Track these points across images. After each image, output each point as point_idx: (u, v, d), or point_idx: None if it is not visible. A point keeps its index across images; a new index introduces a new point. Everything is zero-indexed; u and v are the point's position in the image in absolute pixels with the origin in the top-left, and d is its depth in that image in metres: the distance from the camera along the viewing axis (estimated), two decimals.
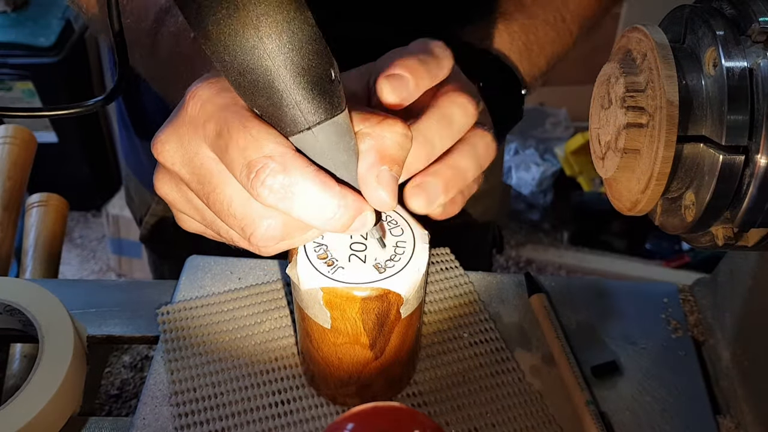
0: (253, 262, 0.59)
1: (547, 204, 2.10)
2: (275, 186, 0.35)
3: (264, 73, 0.34)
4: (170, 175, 0.40)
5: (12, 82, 1.77)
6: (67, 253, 2.03)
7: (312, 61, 0.34)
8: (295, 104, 0.35)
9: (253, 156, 0.35)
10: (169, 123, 0.39)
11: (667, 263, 1.88)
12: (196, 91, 0.37)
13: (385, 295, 0.41)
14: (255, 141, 0.35)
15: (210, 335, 0.53)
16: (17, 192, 0.73)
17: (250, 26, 0.33)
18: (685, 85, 0.32)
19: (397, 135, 0.37)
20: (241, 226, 0.37)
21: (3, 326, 0.52)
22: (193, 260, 0.59)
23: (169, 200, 0.41)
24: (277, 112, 0.35)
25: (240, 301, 0.55)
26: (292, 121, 0.35)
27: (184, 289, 0.57)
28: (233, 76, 0.35)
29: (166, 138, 0.38)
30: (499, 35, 0.58)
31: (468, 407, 0.49)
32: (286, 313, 0.55)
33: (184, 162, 0.38)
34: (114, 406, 0.57)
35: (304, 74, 0.34)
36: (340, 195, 0.36)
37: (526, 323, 0.56)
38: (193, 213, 0.41)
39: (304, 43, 0.34)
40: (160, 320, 0.54)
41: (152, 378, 0.50)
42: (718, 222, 0.32)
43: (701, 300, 0.58)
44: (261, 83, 0.34)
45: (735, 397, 0.52)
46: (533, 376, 0.52)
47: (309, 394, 0.49)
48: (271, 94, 0.35)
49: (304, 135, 0.36)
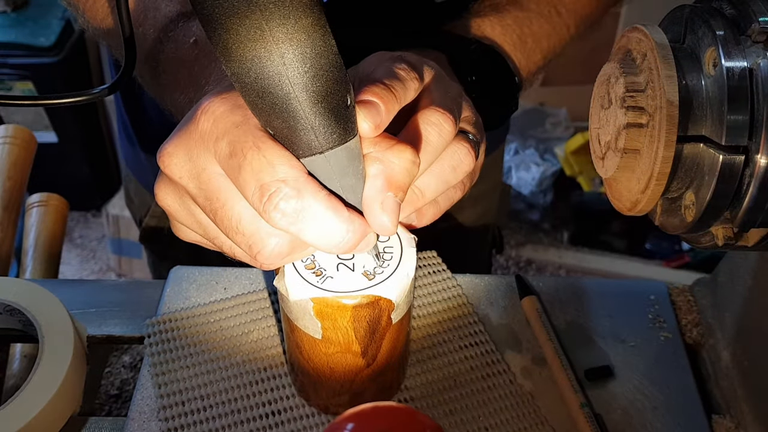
0: (238, 272, 0.58)
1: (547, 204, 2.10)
2: (288, 210, 0.35)
3: (284, 97, 0.34)
4: (174, 186, 0.40)
5: (12, 82, 1.77)
6: (67, 253, 2.03)
7: (331, 87, 0.35)
8: (311, 128, 0.35)
9: (266, 179, 0.35)
10: (177, 135, 0.38)
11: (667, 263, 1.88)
12: (209, 106, 0.37)
13: (377, 301, 0.41)
14: (269, 164, 0.35)
15: (197, 347, 0.52)
16: (17, 192, 0.73)
17: (275, 53, 0.33)
18: (685, 85, 0.32)
19: (406, 162, 0.38)
20: (249, 243, 0.37)
21: (3, 326, 0.52)
22: (177, 271, 0.58)
23: (170, 211, 0.41)
24: (292, 135, 0.35)
25: (226, 311, 0.55)
26: (306, 144, 0.35)
27: (169, 301, 0.56)
28: (251, 97, 0.35)
29: (173, 150, 0.38)
30: (491, 27, 0.58)
31: (460, 411, 0.49)
32: (273, 322, 0.54)
33: (192, 176, 0.38)
34: (114, 406, 0.57)
35: (322, 101, 0.34)
36: (349, 221, 0.36)
37: (515, 325, 0.55)
38: (195, 226, 0.40)
39: (325, 69, 0.34)
40: (145, 333, 0.53)
41: (139, 393, 0.50)
42: (718, 222, 0.32)
43: (701, 300, 0.58)
44: (279, 106, 0.34)
45: (735, 397, 0.52)
46: (524, 378, 0.52)
47: (300, 404, 0.49)
48: (288, 117, 0.35)
49: (317, 158, 0.36)
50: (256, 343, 0.53)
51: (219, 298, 0.56)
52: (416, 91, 0.42)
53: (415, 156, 0.38)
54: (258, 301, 0.56)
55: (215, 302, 0.56)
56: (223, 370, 0.51)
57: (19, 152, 0.75)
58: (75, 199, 0.99)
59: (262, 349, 0.52)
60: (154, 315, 0.55)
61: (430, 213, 0.44)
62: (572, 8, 0.63)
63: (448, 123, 0.40)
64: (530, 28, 0.60)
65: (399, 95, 0.40)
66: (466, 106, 0.46)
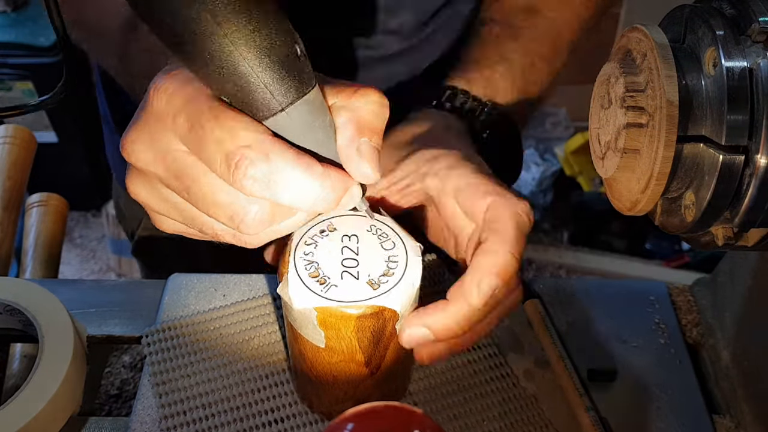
0: (237, 278, 0.57)
1: (547, 204, 2.10)
2: (258, 175, 0.34)
3: (227, 58, 0.33)
4: (142, 175, 0.38)
5: (12, 82, 1.77)
6: (67, 253, 2.03)
7: (276, 39, 0.33)
8: (264, 86, 0.34)
9: (230, 148, 0.34)
10: (134, 122, 0.37)
11: (667, 263, 1.88)
12: (160, 85, 0.36)
13: (381, 312, 0.40)
14: (230, 132, 0.34)
15: (197, 355, 0.51)
16: (17, 192, 0.73)
17: (205, 11, 0.32)
18: (685, 85, 0.32)
19: (372, 104, 0.37)
20: (229, 214, 0.36)
21: (3, 326, 0.52)
22: (175, 279, 0.58)
23: (143, 201, 0.40)
24: (247, 98, 0.34)
25: (226, 318, 0.54)
26: (264, 104, 0.34)
27: (167, 310, 0.55)
28: (196, 66, 0.34)
29: (134, 137, 0.37)
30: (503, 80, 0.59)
31: (464, 416, 0.49)
32: (275, 329, 0.54)
33: (157, 159, 0.36)
34: (114, 406, 0.57)
35: (268, 54, 0.33)
36: (324, 175, 0.35)
37: (517, 327, 0.55)
38: (171, 212, 0.39)
39: (264, 22, 0.33)
40: (144, 342, 0.53)
41: (140, 403, 0.49)
42: (718, 222, 0.32)
43: (701, 300, 0.58)
44: (226, 70, 0.33)
45: (735, 397, 0.52)
46: (527, 381, 0.52)
47: (303, 411, 0.48)
48: (238, 79, 0.33)
49: (278, 117, 0.35)
50: (257, 350, 0.52)
51: (218, 305, 0.56)
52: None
53: (381, 97, 0.37)
54: (258, 307, 0.55)
55: (214, 309, 0.55)
56: (224, 378, 0.50)
57: (19, 152, 0.75)
58: (75, 199, 0.99)
59: (264, 356, 0.52)
60: (154, 316, 0.55)
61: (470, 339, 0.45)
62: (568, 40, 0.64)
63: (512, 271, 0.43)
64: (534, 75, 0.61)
65: None
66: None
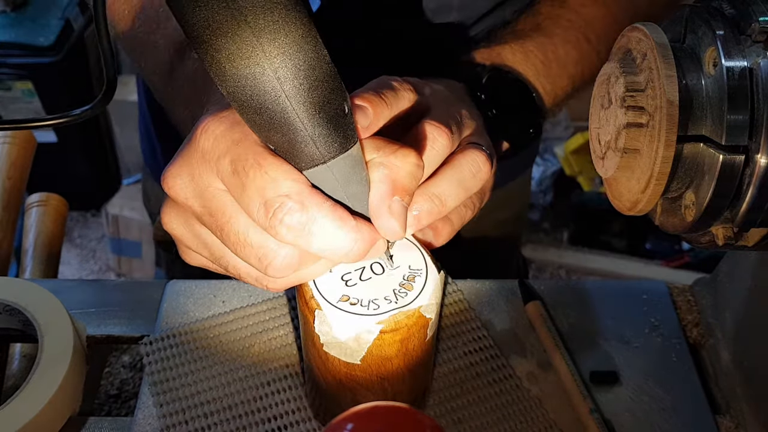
0: (236, 284, 0.57)
1: (547, 204, 2.10)
2: (293, 224, 0.35)
3: (281, 111, 0.34)
4: (180, 209, 0.40)
5: (11, 82, 1.77)
6: (67, 253, 2.03)
7: (327, 97, 0.34)
8: (310, 140, 0.35)
9: (270, 195, 0.35)
10: (179, 156, 0.39)
11: (667, 263, 1.88)
12: (207, 125, 0.37)
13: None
14: (272, 180, 0.35)
15: (198, 364, 0.51)
16: (17, 192, 0.73)
17: (268, 68, 0.33)
18: (685, 84, 0.32)
19: (410, 165, 0.38)
20: (258, 255, 0.37)
21: (3, 326, 0.52)
22: (173, 285, 0.57)
23: (176, 235, 0.41)
24: (292, 148, 0.35)
25: (226, 325, 0.54)
26: (308, 156, 0.35)
27: (166, 317, 0.55)
28: (248, 114, 0.35)
29: (176, 172, 0.38)
30: (512, 54, 0.57)
31: (469, 419, 0.49)
32: (276, 335, 0.53)
33: (196, 195, 0.38)
34: (113, 406, 0.57)
35: (320, 111, 0.34)
36: (356, 229, 0.36)
37: (519, 329, 0.55)
38: (201, 248, 0.41)
39: (320, 80, 0.34)
40: (143, 351, 0.52)
41: (141, 413, 0.49)
42: (718, 222, 0.32)
43: (701, 300, 0.58)
44: (277, 121, 0.34)
45: (735, 397, 0.52)
46: (530, 382, 0.52)
47: (307, 417, 0.48)
48: (287, 131, 0.35)
49: (319, 169, 0.36)
50: (258, 356, 0.52)
51: (218, 312, 0.55)
52: (410, 101, 0.42)
53: (419, 159, 0.38)
54: (258, 314, 0.55)
55: (214, 317, 0.54)
56: (226, 386, 0.50)
57: (18, 152, 0.75)
58: (75, 199, 0.99)
59: (265, 362, 0.51)
60: (153, 316, 0.55)
61: (446, 231, 0.44)
62: (602, 34, 0.61)
63: (442, 137, 0.41)
64: (555, 53, 0.59)
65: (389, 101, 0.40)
66: (471, 123, 0.46)
